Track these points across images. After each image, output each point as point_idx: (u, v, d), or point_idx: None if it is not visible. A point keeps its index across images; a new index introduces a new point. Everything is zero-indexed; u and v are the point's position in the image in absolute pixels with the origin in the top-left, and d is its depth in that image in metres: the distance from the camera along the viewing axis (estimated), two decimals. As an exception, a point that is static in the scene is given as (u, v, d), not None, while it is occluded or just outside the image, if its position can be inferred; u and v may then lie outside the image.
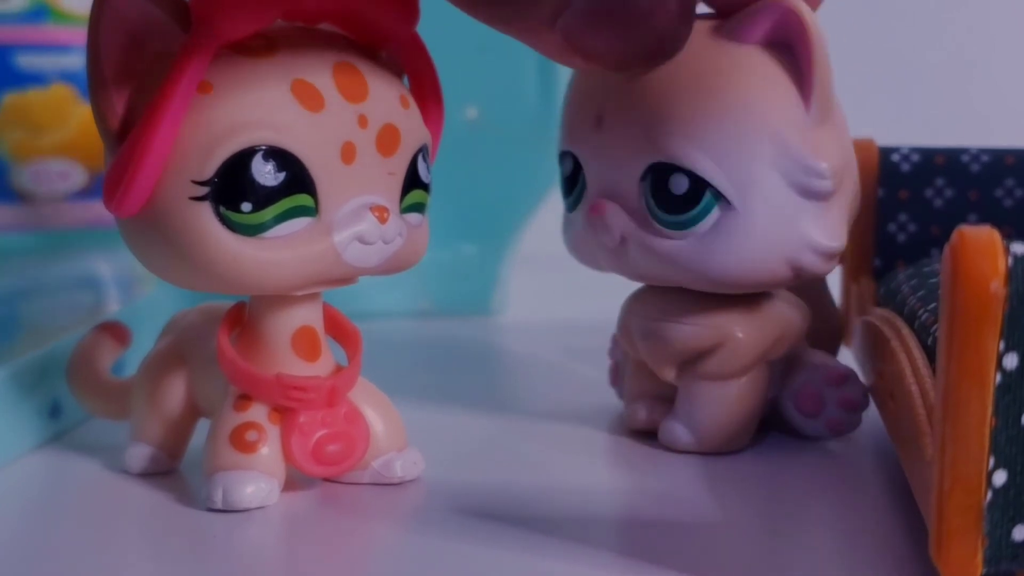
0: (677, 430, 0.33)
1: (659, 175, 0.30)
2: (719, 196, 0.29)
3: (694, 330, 0.32)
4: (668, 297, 0.33)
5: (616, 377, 0.37)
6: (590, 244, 0.33)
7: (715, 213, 0.30)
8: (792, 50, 0.30)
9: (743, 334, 0.32)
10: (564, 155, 0.33)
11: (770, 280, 0.31)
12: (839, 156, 0.30)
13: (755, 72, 0.30)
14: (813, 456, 0.33)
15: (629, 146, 0.31)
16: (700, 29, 0.30)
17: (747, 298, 0.32)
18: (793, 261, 0.30)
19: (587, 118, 0.32)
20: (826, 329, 0.37)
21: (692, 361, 0.32)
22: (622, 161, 0.31)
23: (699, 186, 0.30)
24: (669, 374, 0.33)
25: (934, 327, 0.27)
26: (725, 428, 0.32)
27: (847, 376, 0.33)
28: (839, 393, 0.33)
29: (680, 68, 0.30)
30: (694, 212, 0.30)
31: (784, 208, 0.30)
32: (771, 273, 0.30)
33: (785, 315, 0.33)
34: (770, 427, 0.35)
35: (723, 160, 0.29)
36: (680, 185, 0.30)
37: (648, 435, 0.34)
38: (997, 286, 0.19)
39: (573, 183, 0.33)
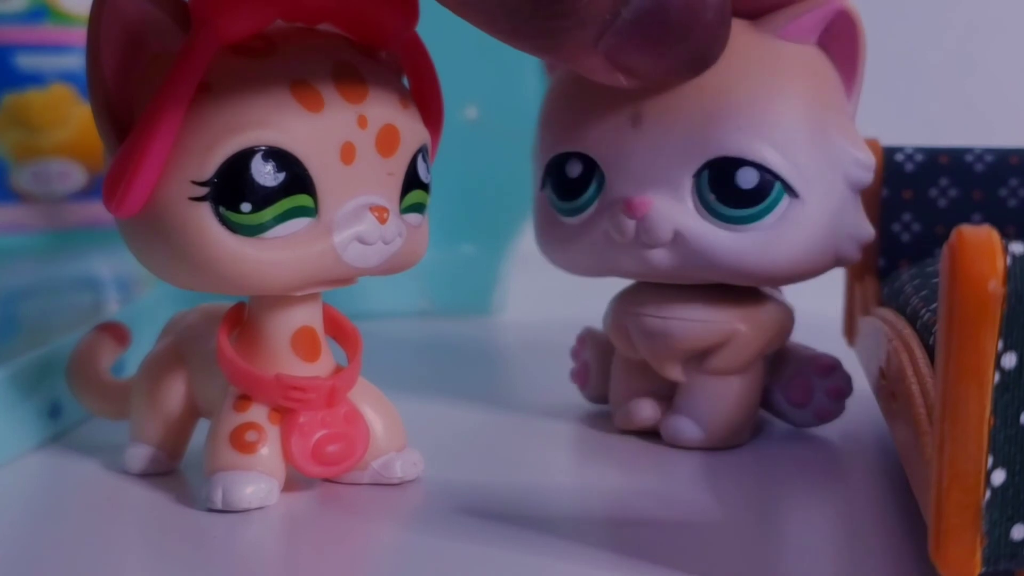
0: (683, 425, 0.33)
1: (721, 170, 0.30)
2: (786, 188, 0.30)
3: (703, 326, 0.32)
4: (668, 295, 0.33)
5: (585, 379, 0.37)
6: (604, 247, 0.32)
7: (783, 205, 0.30)
8: (840, 47, 0.32)
9: (749, 329, 0.32)
10: (569, 157, 0.32)
11: (813, 271, 0.32)
12: None
13: (808, 68, 0.31)
14: (813, 454, 0.33)
15: (679, 143, 0.31)
16: (740, 27, 0.31)
17: (747, 295, 0.33)
18: (839, 251, 0.32)
19: (617, 118, 0.31)
20: None
21: (697, 357, 0.33)
22: (669, 158, 0.31)
23: (768, 179, 0.30)
24: (674, 371, 0.33)
25: (936, 327, 0.27)
26: (731, 422, 0.33)
27: (835, 366, 0.34)
28: (827, 383, 0.34)
29: (731, 65, 0.31)
30: (763, 205, 0.30)
31: (837, 199, 0.31)
32: (820, 264, 0.32)
33: (778, 310, 0.34)
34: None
35: (789, 152, 0.30)
36: (749, 179, 0.30)
37: (642, 433, 0.34)
38: (995, 285, 0.19)
39: (580, 187, 0.32)
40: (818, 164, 0.31)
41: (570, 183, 0.33)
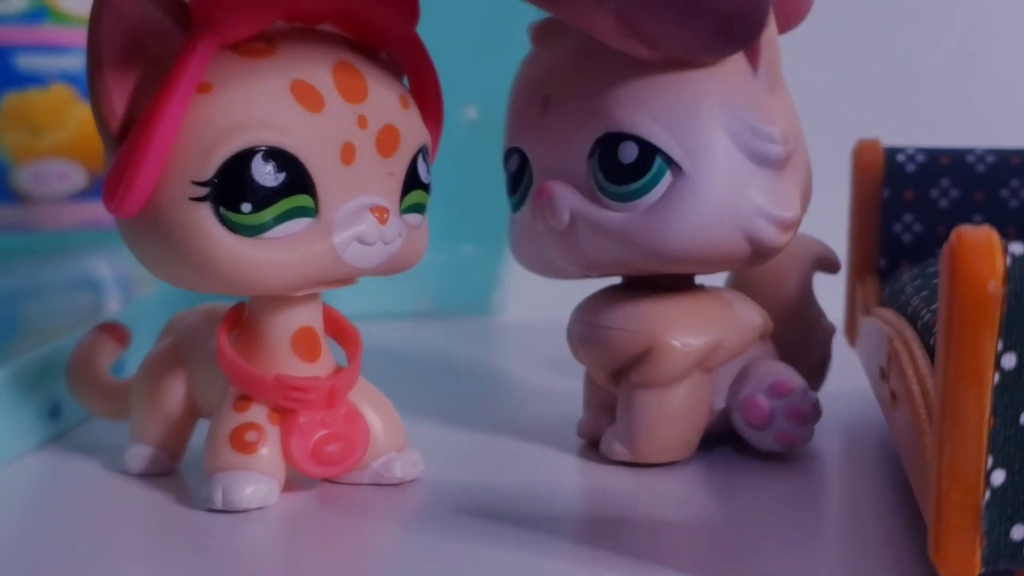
0: (611, 440, 0.32)
1: (607, 146, 0.29)
2: (669, 162, 0.29)
3: (622, 335, 0.31)
4: (607, 301, 0.32)
5: None
6: (538, 239, 0.31)
7: (666, 180, 0.29)
8: None
9: (674, 340, 0.31)
10: (510, 153, 0.32)
11: (726, 253, 0.30)
12: (790, 124, 0.30)
13: None
14: (813, 454, 0.33)
15: (576, 123, 0.30)
16: None
17: (687, 302, 0.32)
18: (747, 231, 0.29)
19: (533, 105, 0.31)
20: (810, 342, 0.36)
21: (625, 368, 0.32)
22: (569, 140, 0.30)
23: (649, 153, 0.29)
24: (604, 380, 0.32)
25: (936, 327, 0.27)
26: (658, 438, 0.31)
27: (793, 387, 0.31)
28: (787, 405, 0.31)
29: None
30: (645, 180, 0.29)
31: (736, 174, 0.29)
32: (725, 244, 0.29)
33: (730, 321, 0.32)
34: (724, 440, 0.33)
35: (672, 125, 0.29)
36: (629, 153, 0.29)
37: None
38: (995, 286, 0.19)
39: (518, 181, 0.32)
40: (709, 137, 0.29)
41: (511, 178, 0.32)
